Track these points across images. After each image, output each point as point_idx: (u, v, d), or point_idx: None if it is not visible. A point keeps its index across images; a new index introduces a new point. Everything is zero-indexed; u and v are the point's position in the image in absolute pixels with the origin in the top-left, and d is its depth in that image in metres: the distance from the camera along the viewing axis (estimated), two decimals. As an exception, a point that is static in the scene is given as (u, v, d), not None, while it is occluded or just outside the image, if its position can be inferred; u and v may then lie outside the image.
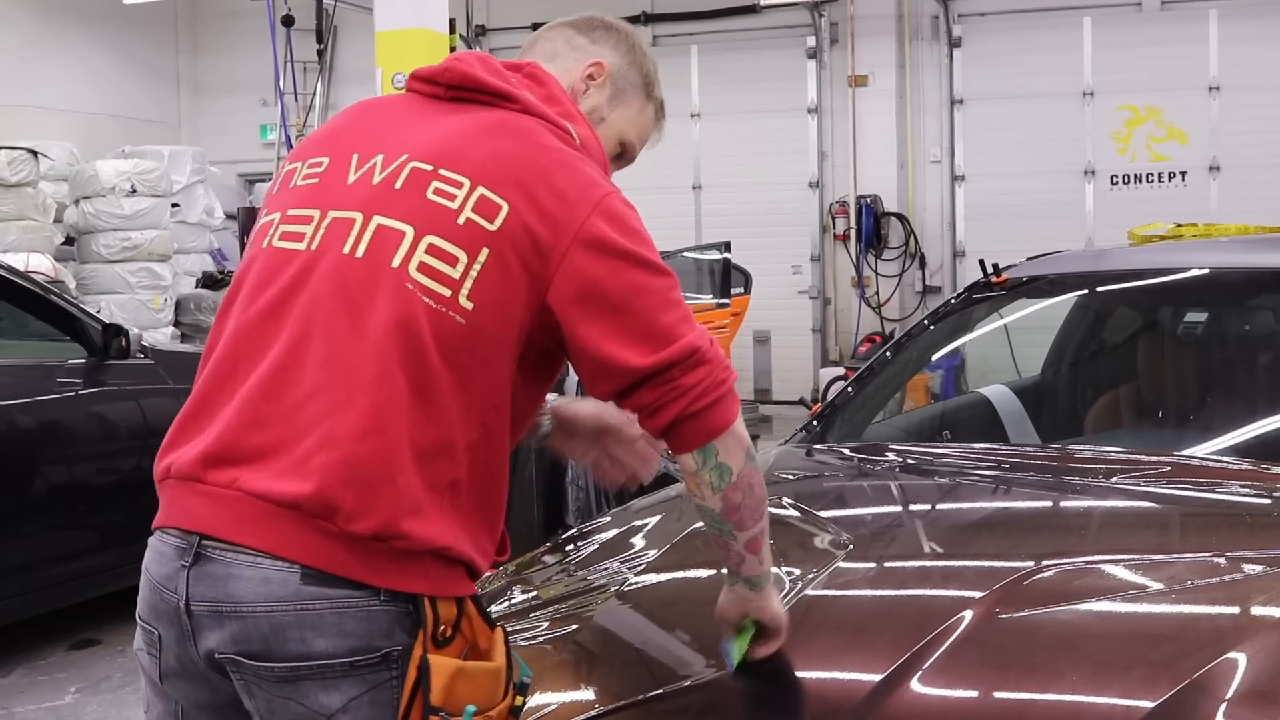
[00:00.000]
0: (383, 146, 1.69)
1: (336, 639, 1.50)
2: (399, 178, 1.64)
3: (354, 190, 1.66)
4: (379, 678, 1.51)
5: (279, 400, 1.55)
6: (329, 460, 1.51)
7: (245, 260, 1.73)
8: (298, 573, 1.50)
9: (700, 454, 1.66)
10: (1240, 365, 3.42)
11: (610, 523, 2.85)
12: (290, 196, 1.72)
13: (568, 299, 1.60)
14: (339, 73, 13.79)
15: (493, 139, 1.65)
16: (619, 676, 1.95)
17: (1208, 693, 1.63)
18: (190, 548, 1.56)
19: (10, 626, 4.95)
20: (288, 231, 1.67)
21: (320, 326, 1.57)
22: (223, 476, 1.55)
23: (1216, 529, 2.43)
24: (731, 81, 12.88)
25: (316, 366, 1.55)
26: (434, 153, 1.65)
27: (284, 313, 1.60)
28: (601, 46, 1.88)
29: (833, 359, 12.38)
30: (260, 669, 1.52)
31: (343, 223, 1.63)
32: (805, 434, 3.30)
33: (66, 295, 5.72)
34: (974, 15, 12.27)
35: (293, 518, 1.50)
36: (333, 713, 1.51)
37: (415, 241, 1.59)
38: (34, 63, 12.86)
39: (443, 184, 1.61)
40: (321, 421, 1.52)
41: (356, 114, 1.82)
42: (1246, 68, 11.32)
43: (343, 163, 1.70)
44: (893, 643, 1.82)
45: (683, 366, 1.61)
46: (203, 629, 1.55)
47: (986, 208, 12.16)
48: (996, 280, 3.47)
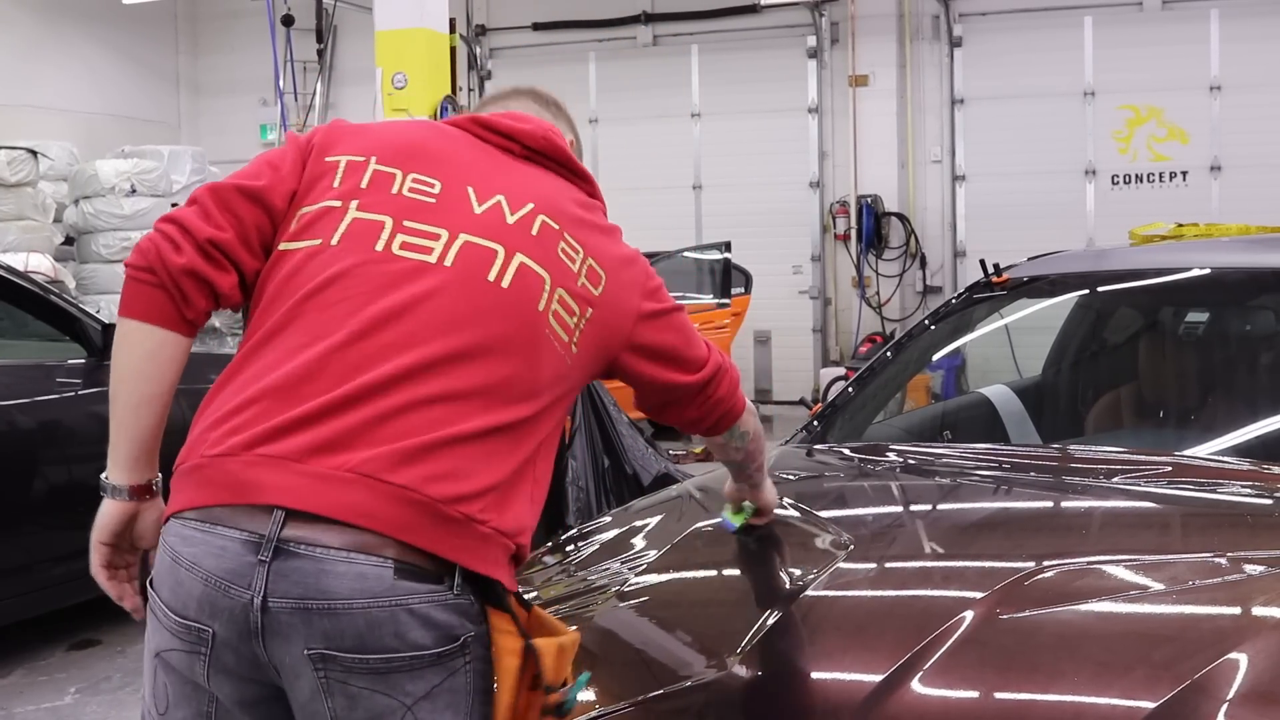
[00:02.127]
0: (498, 187, 1.81)
1: (427, 630, 1.55)
2: (533, 225, 1.79)
3: (486, 222, 1.76)
4: (456, 664, 1.58)
5: (402, 397, 1.60)
6: (453, 454, 1.59)
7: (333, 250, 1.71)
8: (391, 568, 1.53)
9: (729, 433, 2.09)
10: (1241, 365, 3.42)
11: (610, 523, 2.85)
12: (399, 205, 1.75)
13: (640, 354, 1.90)
14: (339, 73, 13.80)
15: (583, 213, 1.89)
16: (619, 677, 1.95)
17: (1209, 693, 1.63)
18: (267, 542, 1.53)
19: (10, 626, 4.95)
20: (410, 242, 1.72)
21: (461, 342, 1.66)
22: (331, 461, 1.56)
23: (1218, 529, 2.43)
24: (732, 81, 12.88)
25: (454, 377, 1.64)
26: (556, 211, 1.83)
27: (414, 318, 1.66)
28: (560, 122, 2.07)
29: (833, 359, 12.39)
30: (354, 661, 1.53)
31: (482, 250, 1.73)
32: (806, 434, 3.30)
33: (66, 295, 5.72)
34: (975, 15, 12.27)
35: (408, 499, 1.55)
36: (417, 700, 1.56)
37: (552, 290, 1.76)
38: (34, 63, 12.86)
39: (567, 246, 1.81)
40: (450, 423, 1.61)
41: (441, 139, 1.87)
42: (1248, 67, 11.33)
43: (459, 190, 1.79)
44: (893, 643, 1.82)
45: (715, 380, 1.98)
46: (280, 626, 1.54)
47: (987, 208, 12.16)
48: (997, 280, 3.46)
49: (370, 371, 1.61)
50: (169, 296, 1.71)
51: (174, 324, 1.72)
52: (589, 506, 5.48)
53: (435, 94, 8.72)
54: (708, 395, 1.98)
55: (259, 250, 1.76)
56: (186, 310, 1.72)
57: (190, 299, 1.71)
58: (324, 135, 1.85)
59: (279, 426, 1.58)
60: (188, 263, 1.70)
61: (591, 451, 5.62)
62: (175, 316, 1.72)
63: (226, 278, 1.73)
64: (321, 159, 1.81)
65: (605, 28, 13.32)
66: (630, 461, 5.70)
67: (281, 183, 1.78)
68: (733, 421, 2.06)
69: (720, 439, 2.10)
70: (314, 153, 1.82)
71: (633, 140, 13.12)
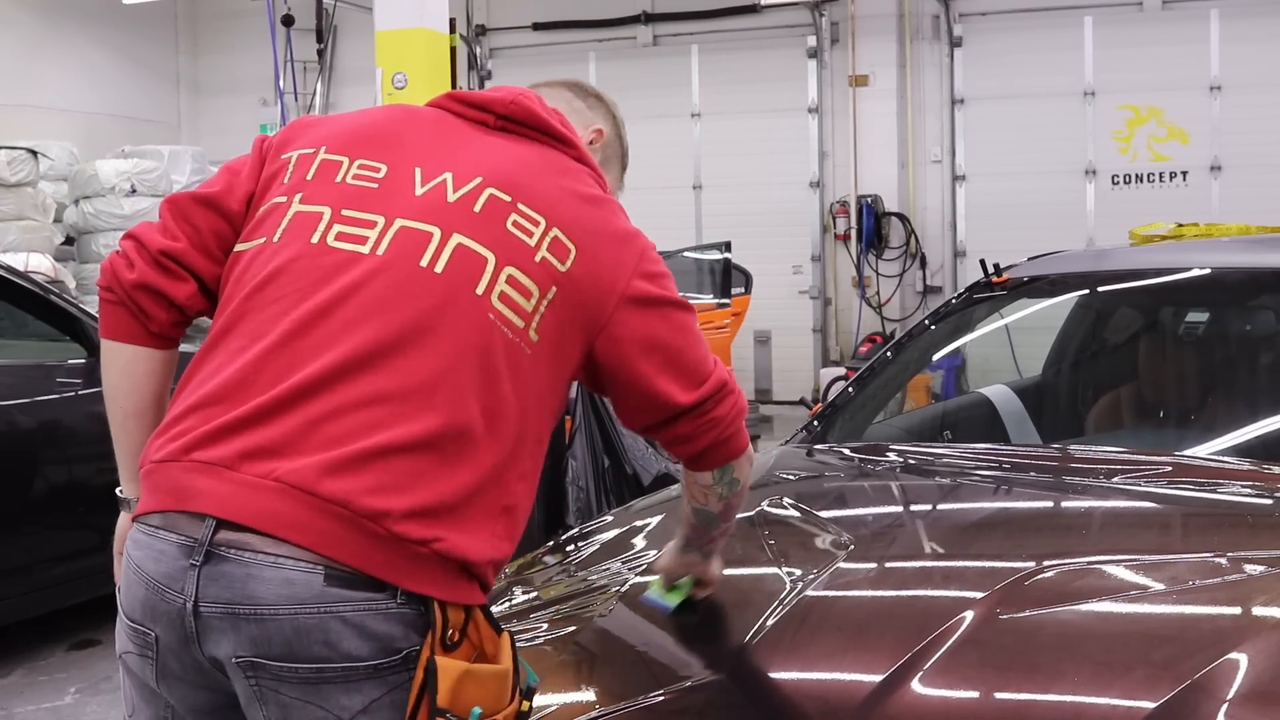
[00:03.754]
0: (447, 164, 1.71)
1: (361, 641, 1.49)
2: (477, 200, 1.68)
3: (425, 203, 1.67)
4: (398, 679, 1.51)
5: (334, 399, 1.54)
6: (388, 466, 1.51)
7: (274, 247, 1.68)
8: (321, 574, 1.49)
9: (720, 471, 1.84)
10: (1241, 365, 3.42)
11: (611, 523, 2.84)
12: (339, 193, 1.70)
13: (621, 345, 1.70)
14: (339, 72, 13.79)
15: (558, 180, 1.74)
16: (620, 677, 1.95)
17: (1209, 693, 1.63)
18: (199, 546, 1.51)
19: (10, 626, 4.95)
20: (345, 232, 1.66)
21: (390, 335, 1.57)
22: (260, 467, 1.51)
23: (1218, 529, 2.43)
24: (732, 81, 12.87)
25: (384, 374, 1.55)
26: (508, 182, 1.70)
27: (343, 314, 1.59)
28: (597, 114, 2.01)
29: (833, 359, 12.37)
30: (283, 670, 1.50)
31: (416, 234, 1.64)
32: (806, 434, 3.30)
33: (66, 295, 5.72)
34: (975, 15, 12.26)
35: (335, 514, 1.49)
36: (354, 714, 1.51)
37: (497, 270, 1.63)
38: (34, 63, 12.85)
39: (521, 218, 1.68)
40: (384, 428, 1.53)
41: (400, 121, 1.81)
42: (1248, 67, 11.32)
43: (404, 172, 1.71)
44: (893, 643, 1.82)
45: (715, 399, 1.76)
46: (213, 632, 1.52)
47: (987, 208, 12.15)
48: (997, 280, 3.46)
49: (300, 372, 1.56)
50: (129, 312, 1.73)
51: (140, 339, 1.73)
52: (589, 506, 5.48)
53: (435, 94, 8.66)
54: (704, 412, 1.75)
55: (219, 255, 1.75)
56: (149, 324, 1.73)
57: (149, 312, 1.72)
58: (284, 132, 1.83)
59: (215, 431, 1.56)
60: (138, 277, 1.71)
61: (591, 451, 5.62)
62: (140, 331, 1.73)
63: (183, 287, 1.73)
64: (277, 156, 1.78)
65: (605, 28, 13.31)
66: (630, 461, 5.70)
67: (238, 186, 1.77)
68: (727, 458, 1.82)
69: (706, 478, 1.85)
70: (272, 151, 1.80)
71: (633, 140, 12.85)
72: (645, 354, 1.72)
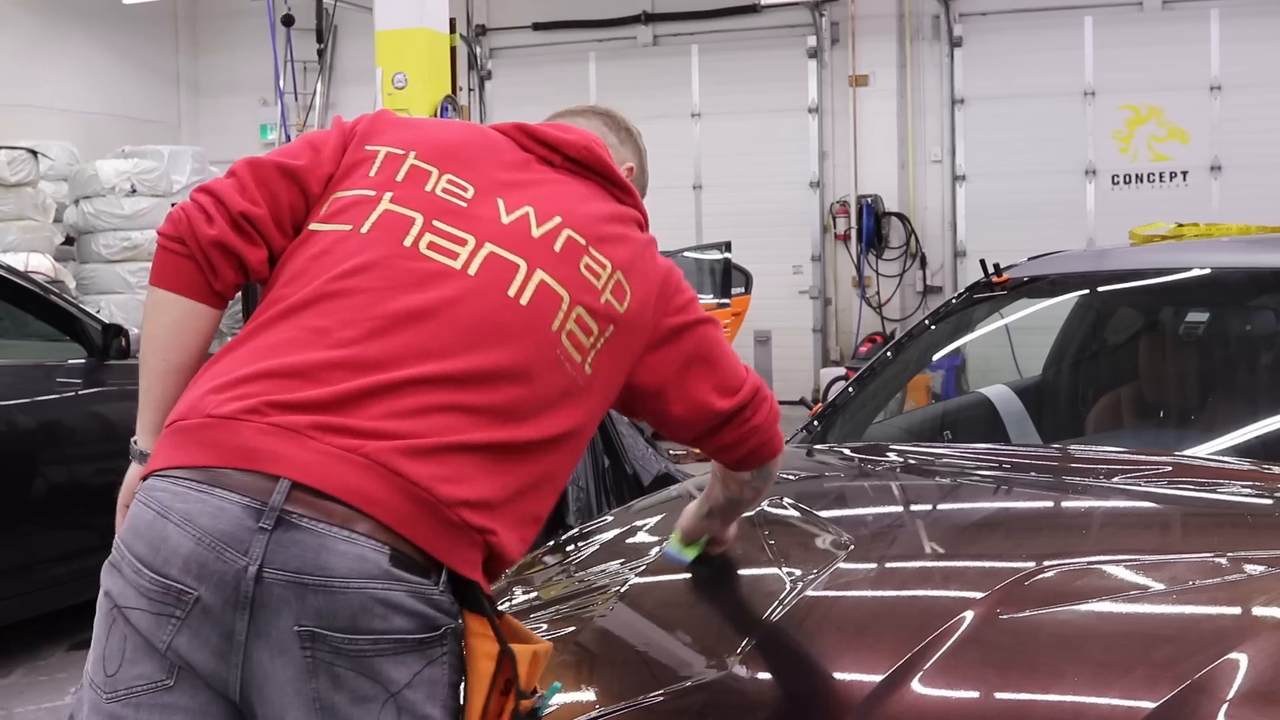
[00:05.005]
0: (528, 198, 1.80)
1: (411, 618, 1.55)
2: (556, 240, 1.77)
3: (512, 233, 1.76)
4: (435, 652, 1.58)
5: (422, 399, 1.61)
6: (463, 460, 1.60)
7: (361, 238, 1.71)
8: (388, 553, 1.54)
9: (760, 469, 2.01)
10: (1242, 365, 3.42)
11: (611, 523, 2.84)
12: (430, 204, 1.75)
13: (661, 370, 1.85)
14: (339, 72, 13.80)
15: (619, 227, 1.86)
16: (620, 677, 1.95)
17: (1209, 693, 1.63)
18: (270, 510, 1.51)
19: (10, 626, 4.95)
20: (436, 243, 1.72)
21: (480, 358, 1.66)
22: (345, 441, 1.56)
23: (1218, 529, 2.43)
24: (732, 81, 12.87)
25: (470, 391, 1.64)
26: (583, 226, 1.81)
27: (438, 325, 1.66)
28: (627, 149, 2.08)
29: (833, 359, 12.38)
30: (342, 642, 1.52)
31: (504, 262, 1.73)
32: (806, 434, 3.30)
33: (66, 295, 5.72)
34: (975, 15, 12.26)
35: (416, 496, 1.56)
36: (400, 687, 1.56)
37: (570, 309, 1.74)
38: (34, 63, 12.85)
39: (592, 261, 1.79)
40: (463, 432, 1.62)
41: (480, 144, 1.87)
42: (1248, 67, 11.32)
43: (490, 199, 1.79)
44: (894, 643, 1.82)
45: (752, 405, 1.91)
46: (272, 599, 1.51)
47: (987, 208, 12.15)
48: (997, 280, 3.46)
49: (391, 370, 1.61)
50: (197, 267, 1.72)
51: (202, 295, 1.74)
52: (589, 506, 5.48)
53: (435, 94, 8.72)
54: (746, 419, 1.91)
55: (290, 229, 1.77)
56: (215, 282, 1.73)
57: (219, 270, 1.73)
58: (368, 123, 1.86)
59: (295, 403, 1.58)
60: (218, 234, 1.71)
61: (591, 451, 5.62)
62: (204, 287, 1.73)
63: (256, 252, 1.74)
64: (362, 146, 1.82)
65: (605, 28, 13.32)
66: (630, 461, 5.70)
67: (320, 165, 1.79)
68: (768, 458, 1.99)
69: (745, 475, 2.03)
70: (356, 139, 1.83)
71: (633, 140, 13.07)
72: (682, 373, 1.86)
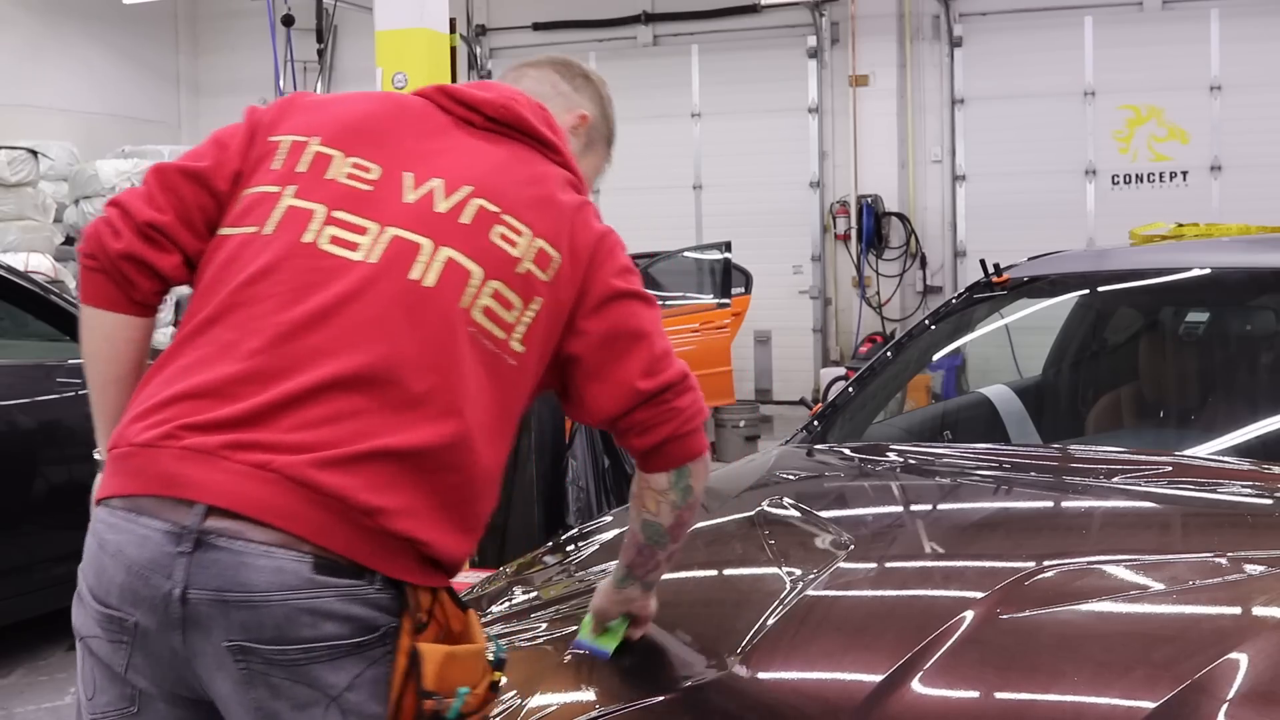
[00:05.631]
0: (438, 168, 1.75)
1: (342, 623, 1.55)
2: (464, 211, 1.71)
3: (416, 212, 1.70)
4: (376, 654, 1.58)
5: (330, 406, 1.59)
6: (380, 468, 1.58)
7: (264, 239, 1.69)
8: (310, 562, 1.54)
9: (675, 474, 1.82)
10: (1242, 365, 3.42)
11: (611, 523, 2.84)
12: (332, 192, 1.71)
13: (587, 337, 1.76)
14: (339, 73, 13.79)
15: (542, 187, 1.78)
16: (619, 677, 1.94)
17: (1209, 693, 1.63)
18: (188, 533, 1.54)
19: (10, 626, 4.95)
20: (338, 236, 1.68)
21: (384, 350, 1.62)
22: (254, 458, 1.55)
23: (1218, 529, 2.43)
24: (732, 81, 12.87)
25: (379, 388, 1.60)
26: (496, 192, 1.74)
27: (339, 322, 1.63)
28: (583, 96, 2.01)
29: (833, 359, 12.37)
30: (273, 653, 1.54)
31: (406, 244, 1.68)
32: (806, 434, 3.30)
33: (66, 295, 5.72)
34: (975, 15, 12.26)
35: (329, 506, 1.55)
36: (340, 692, 1.56)
37: (482, 284, 1.68)
38: (34, 63, 12.85)
39: (507, 230, 1.72)
40: (378, 435, 1.58)
41: (392, 114, 1.81)
42: (1248, 67, 11.31)
43: (396, 176, 1.73)
44: (894, 643, 1.82)
45: (676, 389, 1.78)
46: (200, 618, 1.54)
47: (987, 208, 12.15)
48: (997, 280, 3.46)
49: (297, 378, 1.59)
50: (112, 281, 1.73)
51: (123, 307, 1.75)
52: (589, 506, 5.48)
53: (435, 94, 8.67)
54: (666, 400, 1.76)
55: (203, 230, 1.76)
56: (134, 293, 1.74)
57: (134, 282, 1.73)
58: (277, 110, 1.82)
59: (208, 423, 1.58)
60: (125, 247, 1.72)
61: (591, 451, 5.62)
62: (123, 299, 1.74)
63: (168, 258, 1.74)
64: (266, 137, 1.78)
65: (605, 28, 13.31)
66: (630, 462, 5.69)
67: (226, 163, 1.77)
68: (685, 456, 1.80)
69: (661, 481, 1.82)
70: (262, 130, 1.79)
71: (633, 140, 12.98)
72: (608, 343, 1.76)
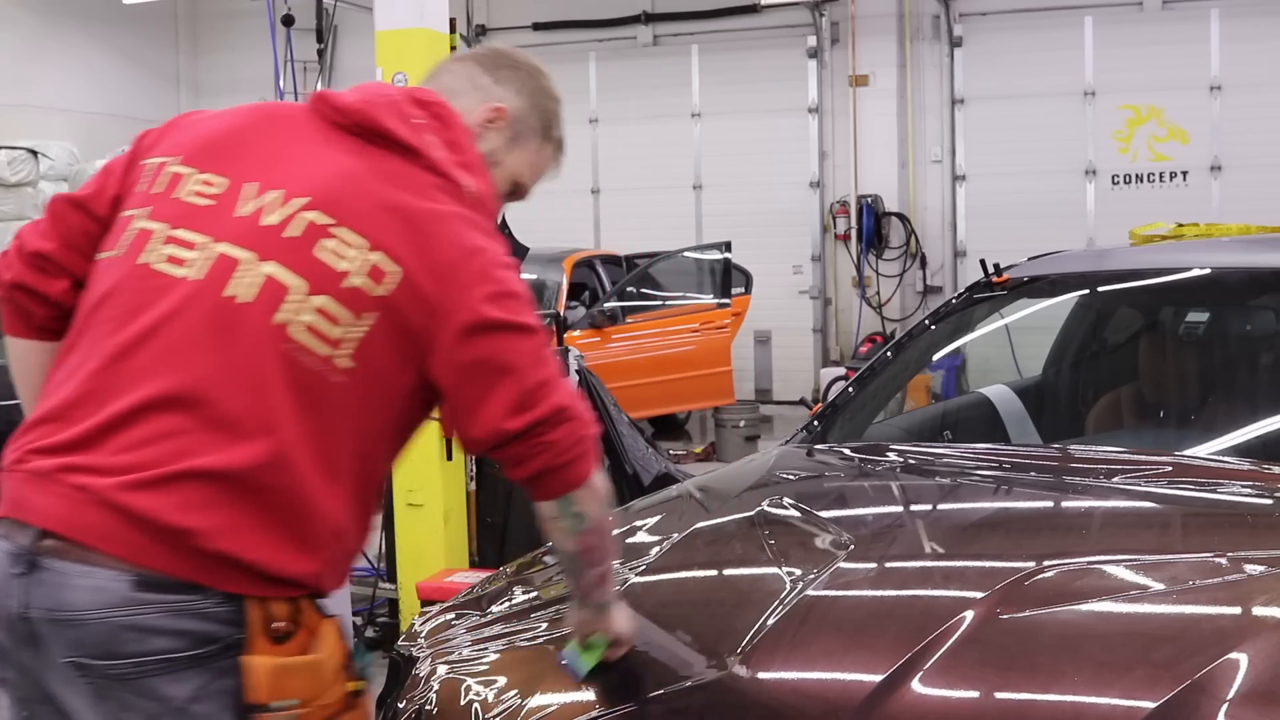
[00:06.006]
0: (281, 180, 1.71)
1: (175, 637, 1.58)
2: (292, 224, 1.67)
3: (245, 226, 1.68)
4: (223, 665, 1.60)
5: (147, 428, 1.60)
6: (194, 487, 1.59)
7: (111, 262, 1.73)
8: (129, 579, 1.57)
9: (559, 503, 1.75)
10: (1242, 365, 3.42)
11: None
12: (176, 211, 1.72)
13: (451, 367, 1.68)
14: (339, 73, 13.78)
15: (396, 196, 1.69)
16: (619, 677, 1.94)
17: (1209, 693, 1.63)
18: (24, 554, 1.59)
19: None
20: (171, 254, 1.69)
21: (196, 369, 1.62)
22: (79, 480, 1.59)
23: (1218, 529, 2.43)
24: (732, 81, 12.88)
25: (193, 407, 1.61)
26: (336, 202, 1.68)
27: (158, 342, 1.64)
28: (505, 88, 1.89)
29: (833, 359, 12.38)
30: (107, 668, 1.57)
31: (228, 260, 1.67)
32: (806, 434, 3.30)
33: (67, 295, 5.73)
34: (975, 15, 12.26)
35: (142, 527, 1.57)
36: (183, 703, 1.59)
37: (302, 300, 1.64)
38: (34, 63, 12.86)
39: (340, 243, 1.66)
40: (192, 455, 1.59)
41: (257, 125, 1.80)
42: (1248, 67, 11.32)
43: (237, 190, 1.72)
44: (894, 643, 1.82)
45: (549, 423, 1.69)
46: (42, 637, 1.60)
47: (987, 208, 12.16)
48: (997, 280, 3.46)
49: (121, 400, 1.62)
50: (14, 309, 1.82)
51: (28, 333, 1.83)
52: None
53: (435, 94, 8.68)
54: (537, 435, 1.68)
55: (91, 254, 1.80)
56: (31, 319, 1.82)
57: (29, 309, 1.81)
58: (156, 134, 1.84)
59: (51, 447, 1.64)
60: (15, 277, 1.80)
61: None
62: (25, 326, 1.83)
63: (56, 284, 1.80)
64: (139, 161, 1.81)
65: (605, 28, 13.32)
66: (630, 461, 5.70)
67: (107, 188, 1.82)
68: (562, 487, 1.72)
69: (548, 510, 1.75)
70: (140, 154, 1.82)
71: (633, 140, 13.11)
72: (472, 377, 1.68)
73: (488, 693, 1.99)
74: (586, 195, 13.42)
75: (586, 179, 13.38)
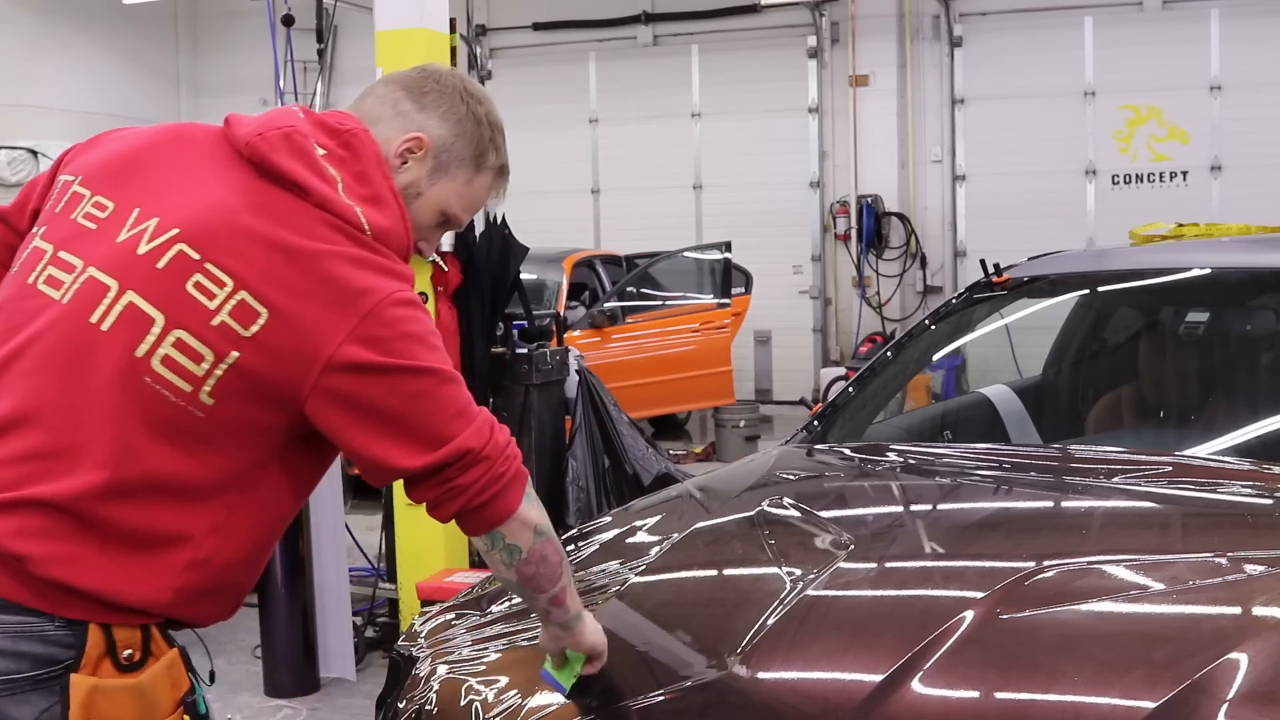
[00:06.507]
0: (161, 208, 1.66)
1: (15, 659, 1.56)
2: (163, 256, 1.62)
3: (117, 253, 1.65)
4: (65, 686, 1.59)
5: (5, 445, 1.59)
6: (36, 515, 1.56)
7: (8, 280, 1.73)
8: None
9: (488, 538, 1.73)
10: (1242, 365, 3.42)
11: (610, 523, 2.84)
12: (65, 232, 1.70)
13: (326, 410, 1.62)
14: (339, 72, 13.79)
15: (273, 232, 1.61)
16: (619, 677, 1.94)
17: (1209, 693, 1.63)
18: None
19: None
20: (52, 275, 1.67)
21: (50, 394, 1.60)
22: None
23: (1218, 529, 2.43)
24: (732, 81, 12.88)
25: (41, 432, 1.59)
26: (205, 237, 1.62)
27: (22, 364, 1.63)
28: (429, 115, 1.78)
29: (834, 359, 12.38)
30: None
31: (97, 286, 1.63)
32: (806, 434, 3.30)
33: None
34: (975, 15, 12.27)
35: None
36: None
37: (163, 333, 1.60)
38: (34, 63, 12.86)
39: (206, 279, 1.60)
40: (34, 483, 1.57)
41: (159, 148, 1.74)
42: (1248, 67, 11.32)
43: (123, 214, 1.67)
44: (894, 643, 1.82)
45: (458, 467, 1.65)
46: None
47: (987, 207, 12.16)
48: (998, 280, 3.46)
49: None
50: None
51: None
52: (589, 506, 5.48)
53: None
54: (445, 479, 1.65)
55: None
56: None
57: None
58: (76, 150, 1.82)
59: None
60: None
61: (591, 451, 5.62)
62: None
63: None
64: (54, 179, 1.80)
65: (605, 28, 13.32)
66: (630, 461, 5.70)
67: (28, 202, 1.82)
68: (486, 525, 1.70)
69: (480, 544, 1.75)
70: (59, 170, 1.81)
71: (633, 140, 13.12)
72: (356, 420, 1.62)
73: (488, 693, 1.99)
74: (586, 195, 13.44)
75: (586, 179, 13.39)
